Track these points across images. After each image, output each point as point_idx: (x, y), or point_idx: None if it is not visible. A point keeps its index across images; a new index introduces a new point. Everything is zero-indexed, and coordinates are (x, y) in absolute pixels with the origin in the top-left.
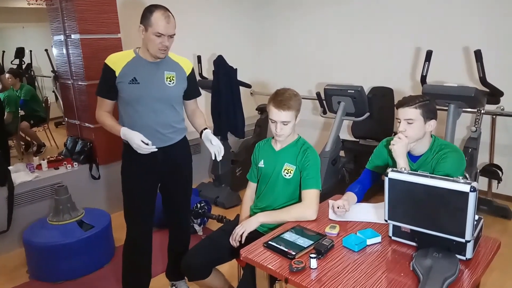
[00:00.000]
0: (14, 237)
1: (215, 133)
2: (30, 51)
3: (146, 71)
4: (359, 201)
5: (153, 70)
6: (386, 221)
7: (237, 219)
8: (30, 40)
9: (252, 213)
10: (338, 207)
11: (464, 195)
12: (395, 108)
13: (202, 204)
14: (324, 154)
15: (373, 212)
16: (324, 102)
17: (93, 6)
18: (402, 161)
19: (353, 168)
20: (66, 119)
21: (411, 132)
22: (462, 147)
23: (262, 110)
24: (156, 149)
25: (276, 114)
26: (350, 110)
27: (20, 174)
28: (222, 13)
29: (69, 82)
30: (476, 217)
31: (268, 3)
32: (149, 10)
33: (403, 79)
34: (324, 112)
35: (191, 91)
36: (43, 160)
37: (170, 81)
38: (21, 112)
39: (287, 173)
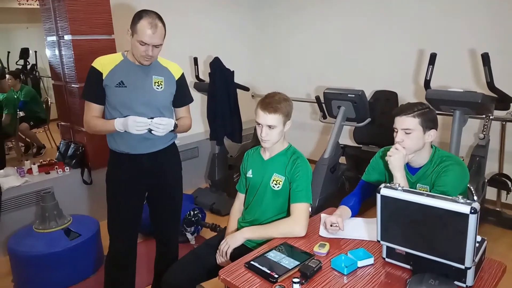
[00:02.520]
0: (0, 245)
1: (212, 137)
2: (35, 51)
3: (133, 75)
4: (354, 215)
5: (141, 74)
6: (379, 241)
7: (224, 232)
8: (35, 40)
9: (240, 226)
10: (331, 225)
11: (464, 217)
12: (392, 116)
13: (195, 212)
14: (322, 161)
15: (367, 229)
16: (324, 106)
17: (86, 7)
18: (399, 174)
19: (354, 176)
20: (60, 121)
21: (409, 143)
22: (469, 155)
23: None
24: (151, 121)
25: (261, 117)
26: (351, 115)
27: (9, 179)
28: (220, 15)
29: (62, 84)
30: (479, 238)
31: (266, 5)
32: (138, 16)
33: (406, 83)
34: (324, 117)
35: (181, 97)
36: (34, 164)
37: (158, 85)
38: (21, 114)
39: (275, 184)
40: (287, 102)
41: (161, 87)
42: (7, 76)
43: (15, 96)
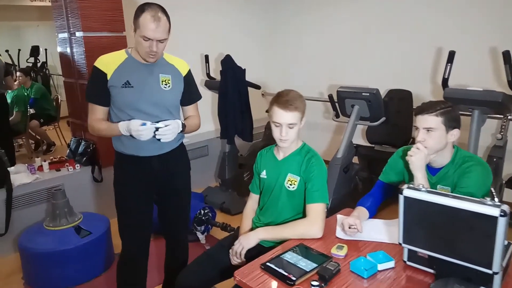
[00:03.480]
0: (10, 241)
1: (222, 136)
2: (45, 49)
3: (140, 74)
4: (371, 216)
5: (147, 72)
6: (400, 244)
7: (237, 232)
8: (45, 38)
9: (255, 226)
10: (349, 227)
11: (492, 220)
12: (413, 115)
13: (206, 211)
14: (335, 161)
15: (386, 231)
16: (337, 105)
17: (97, 3)
18: (420, 175)
19: (367, 176)
20: (71, 119)
21: (431, 142)
22: (486, 156)
23: None
24: (156, 126)
25: (281, 116)
26: (365, 114)
27: (20, 176)
28: (231, 12)
29: (73, 81)
30: (505, 242)
31: (278, 2)
32: (140, 9)
33: (423, 81)
34: (337, 116)
35: (189, 95)
36: (45, 161)
37: (166, 84)
38: (31, 111)
39: (290, 184)
40: (302, 98)
41: (169, 86)
42: (18, 73)
43: (26, 94)
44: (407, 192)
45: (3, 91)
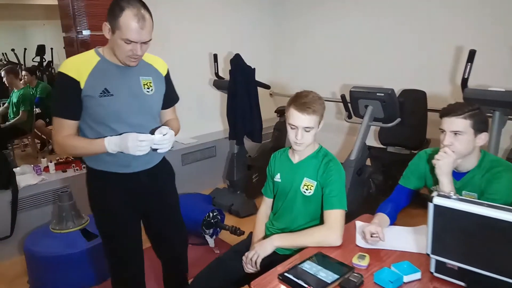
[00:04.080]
0: (16, 243)
1: (231, 136)
2: (51, 48)
3: (117, 79)
4: (391, 223)
5: (126, 76)
6: (428, 255)
7: (251, 237)
8: (51, 37)
9: (268, 232)
10: (371, 235)
11: None
12: (439, 116)
13: (214, 213)
14: (349, 163)
15: (409, 239)
16: (350, 105)
17: (105, 1)
18: (446, 180)
19: (381, 178)
20: None
21: (459, 146)
22: (505, 159)
23: (281, 112)
24: (153, 137)
25: (297, 118)
26: (379, 115)
27: (25, 177)
28: (240, 10)
29: None
30: None
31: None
32: (118, 6)
33: (439, 81)
34: (349, 117)
35: (169, 97)
36: (51, 162)
37: (148, 88)
38: (37, 110)
39: (306, 189)
40: (321, 101)
41: (152, 89)
42: (24, 72)
43: (32, 93)
44: (437, 200)
45: None
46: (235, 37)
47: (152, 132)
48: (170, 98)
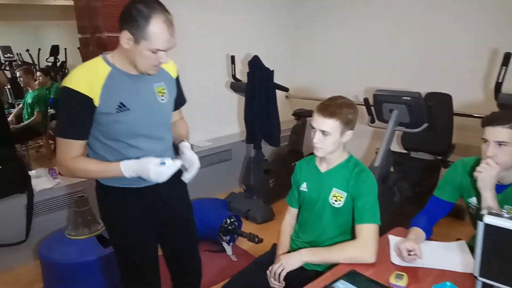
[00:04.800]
0: (31, 249)
1: (248, 140)
2: (65, 49)
3: (132, 90)
4: (427, 238)
5: (140, 86)
6: (476, 277)
7: (274, 249)
8: (65, 37)
9: (294, 245)
10: (409, 253)
11: None
12: (481, 125)
13: (232, 220)
14: (373, 169)
15: (449, 256)
16: (373, 109)
17: (121, 2)
18: (489, 195)
19: (406, 186)
20: None
21: (504, 158)
22: None
23: (299, 115)
24: (181, 163)
25: (316, 120)
26: (404, 120)
27: (41, 180)
28: (258, 10)
29: None
30: None
31: (307, 0)
32: (141, 14)
33: (467, 84)
34: (372, 121)
35: (179, 100)
36: None
37: (162, 95)
38: (52, 111)
39: (335, 200)
40: (350, 109)
41: (166, 97)
42: (38, 73)
43: (46, 93)
44: (488, 219)
45: None
46: (252, 38)
47: (176, 148)
48: (179, 101)
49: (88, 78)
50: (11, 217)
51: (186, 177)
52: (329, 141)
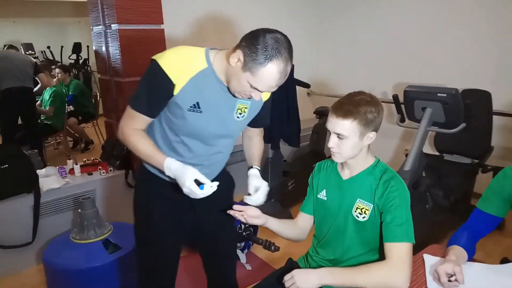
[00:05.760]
0: (35, 251)
1: (266, 140)
2: (87, 46)
3: (214, 96)
4: (470, 258)
5: (224, 96)
6: None
7: (291, 266)
8: (87, 35)
9: (313, 262)
10: (449, 279)
11: None
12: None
13: (246, 225)
14: (403, 174)
15: (499, 283)
16: (403, 107)
17: None
18: None
19: (440, 193)
20: (105, 118)
21: None
22: None
23: (321, 114)
24: (216, 188)
25: (329, 121)
26: (439, 119)
27: (49, 180)
28: (277, 3)
29: (108, 78)
30: None
31: None
32: (264, 51)
33: (504, 81)
34: (402, 120)
35: (261, 119)
36: (76, 164)
37: (241, 113)
38: (70, 108)
39: (360, 213)
40: (370, 106)
41: (243, 116)
42: (57, 70)
43: (64, 90)
44: None
45: (31, 86)
46: None
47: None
48: (261, 120)
49: (181, 64)
50: (17, 218)
51: (249, 199)
52: (346, 145)
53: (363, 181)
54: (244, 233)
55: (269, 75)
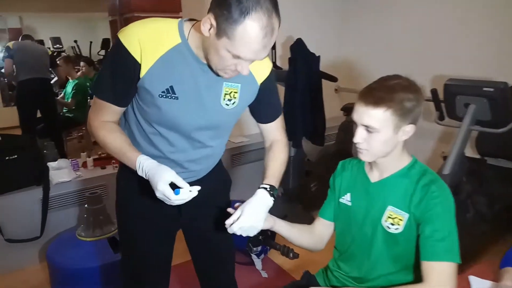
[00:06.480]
0: (41, 247)
1: (288, 137)
2: None
3: (192, 79)
4: None
5: (205, 78)
6: None
7: (307, 280)
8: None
9: (332, 277)
10: None
11: None
12: None
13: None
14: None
15: None
16: (443, 103)
17: None
18: None
19: (484, 201)
20: None
21: None
22: None
23: (349, 110)
24: (196, 193)
25: (357, 111)
26: (484, 117)
27: (60, 172)
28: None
29: None
30: None
31: None
32: (239, 5)
33: None
34: (441, 118)
35: (267, 107)
36: (89, 157)
37: (230, 99)
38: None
39: (392, 224)
40: (408, 93)
41: (234, 102)
42: (82, 63)
43: (87, 84)
44: None
45: (48, 77)
46: (295, 20)
47: None
48: (270, 108)
49: (147, 39)
50: (26, 211)
51: (228, 223)
52: (376, 140)
53: (396, 185)
54: (260, 237)
55: (250, 33)
